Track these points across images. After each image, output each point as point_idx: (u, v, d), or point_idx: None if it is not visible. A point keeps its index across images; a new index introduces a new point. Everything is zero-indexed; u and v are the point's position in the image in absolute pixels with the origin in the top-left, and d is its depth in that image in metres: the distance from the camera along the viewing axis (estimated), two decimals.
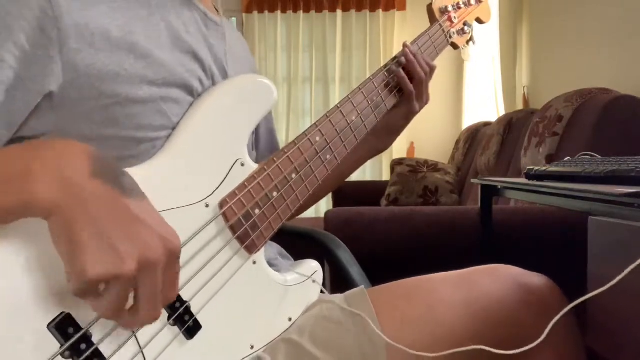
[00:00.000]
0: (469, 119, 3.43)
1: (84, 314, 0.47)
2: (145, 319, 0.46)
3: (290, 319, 0.69)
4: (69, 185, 0.42)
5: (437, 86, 3.77)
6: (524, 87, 2.68)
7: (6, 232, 0.45)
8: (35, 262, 0.46)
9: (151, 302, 0.45)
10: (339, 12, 3.81)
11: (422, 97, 0.90)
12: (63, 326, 0.46)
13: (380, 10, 3.79)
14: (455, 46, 1.03)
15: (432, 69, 0.90)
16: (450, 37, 0.99)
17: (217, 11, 0.74)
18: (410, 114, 0.90)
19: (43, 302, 0.46)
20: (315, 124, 0.73)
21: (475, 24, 1.08)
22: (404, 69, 0.87)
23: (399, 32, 3.77)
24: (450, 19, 1.00)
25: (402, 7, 3.80)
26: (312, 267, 0.74)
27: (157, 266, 0.44)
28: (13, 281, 0.44)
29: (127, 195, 0.45)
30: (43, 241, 0.46)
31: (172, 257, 0.46)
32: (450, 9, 1.00)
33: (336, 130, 0.74)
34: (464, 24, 1.03)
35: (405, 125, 0.93)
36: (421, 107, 0.91)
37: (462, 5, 1.03)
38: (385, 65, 0.87)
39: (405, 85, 0.87)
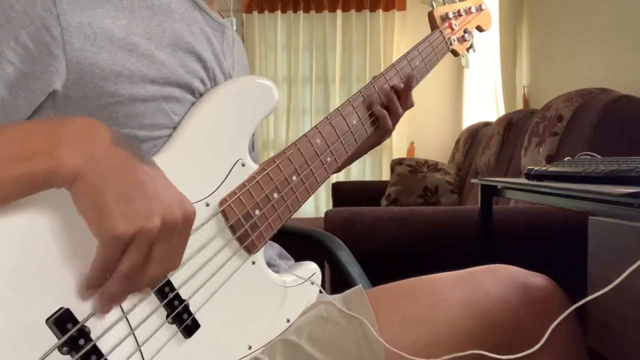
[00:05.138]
0: (469, 119, 3.43)
1: (82, 310, 0.48)
2: (154, 276, 0.48)
3: (288, 320, 0.69)
4: (92, 154, 0.45)
5: (437, 86, 3.78)
6: (524, 87, 2.68)
7: (9, 224, 0.45)
8: (36, 256, 0.46)
9: (162, 262, 0.48)
10: (339, 12, 3.81)
11: (392, 129, 0.88)
12: (62, 321, 0.46)
13: (380, 10, 3.79)
14: (455, 53, 1.03)
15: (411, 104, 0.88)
16: (451, 44, 1.00)
17: (220, 14, 0.75)
18: (376, 145, 0.89)
19: (42, 297, 0.46)
20: (315, 126, 0.73)
21: (475, 32, 1.08)
22: (387, 104, 0.84)
23: (399, 32, 3.76)
24: (450, 26, 1.00)
25: (402, 7, 3.79)
26: (310, 268, 0.74)
27: (175, 227, 0.47)
28: (12, 274, 0.44)
29: (145, 163, 0.48)
30: (46, 234, 0.46)
31: (188, 221, 0.49)
32: (451, 16, 1.01)
33: (337, 133, 0.75)
34: (465, 32, 1.04)
35: (363, 154, 0.91)
36: (386, 138, 0.89)
37: (463, 13, 1.03)
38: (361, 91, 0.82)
39: (386, 122, 0.84)
